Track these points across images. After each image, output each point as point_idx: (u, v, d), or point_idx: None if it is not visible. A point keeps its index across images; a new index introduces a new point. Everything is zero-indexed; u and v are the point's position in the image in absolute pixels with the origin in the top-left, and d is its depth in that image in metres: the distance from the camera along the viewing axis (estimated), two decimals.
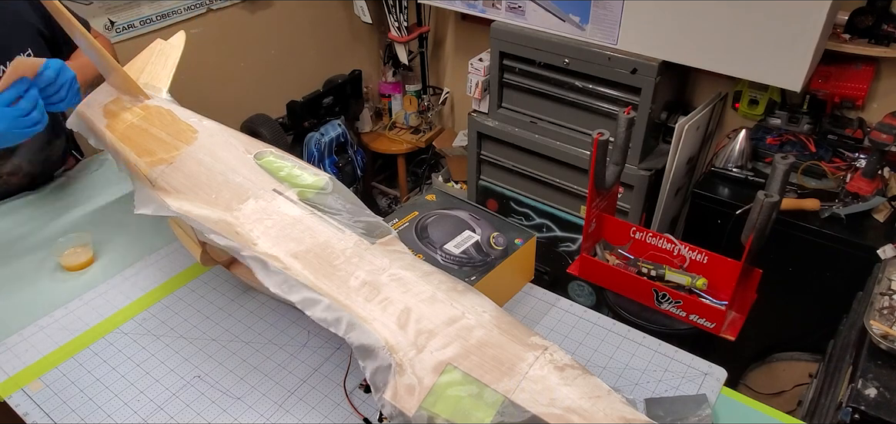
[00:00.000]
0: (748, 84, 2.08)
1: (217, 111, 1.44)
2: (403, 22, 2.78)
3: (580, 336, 1.15)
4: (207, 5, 2.39)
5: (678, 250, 1.41)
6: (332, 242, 0.94)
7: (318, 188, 1.04)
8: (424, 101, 3.07)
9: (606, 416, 0.72)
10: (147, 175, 1.09)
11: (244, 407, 1.02)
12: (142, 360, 1.11)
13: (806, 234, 1.75)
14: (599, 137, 1.33)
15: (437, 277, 0.90)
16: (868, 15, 1.76)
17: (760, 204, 1.18)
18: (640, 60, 1.92)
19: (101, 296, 1.25)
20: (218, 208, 1.01)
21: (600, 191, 1.45)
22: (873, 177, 1.76)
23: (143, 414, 1.01)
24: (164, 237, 1.39)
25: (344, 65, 3.00)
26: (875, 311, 1.24)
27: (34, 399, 1.04)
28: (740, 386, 2.01)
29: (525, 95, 2.28)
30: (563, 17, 2.04)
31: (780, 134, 1.99)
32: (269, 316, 1.20)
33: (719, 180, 1.96)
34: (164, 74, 1.38)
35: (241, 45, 2.58)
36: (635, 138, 2.00)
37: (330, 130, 2.78)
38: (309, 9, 2.79)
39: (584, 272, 1.51)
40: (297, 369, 1.09)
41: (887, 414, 1.12)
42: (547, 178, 2.31)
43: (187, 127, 1.16)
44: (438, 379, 0.77)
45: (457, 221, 1.26)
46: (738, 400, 1.03)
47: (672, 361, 1.09)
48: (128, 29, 2.17)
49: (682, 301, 1.37)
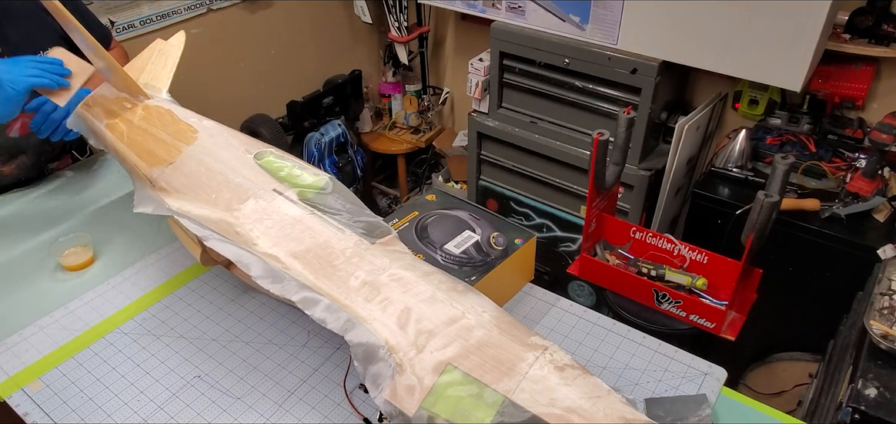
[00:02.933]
0: (748, 84, 2.08)
1: (217, 111, 1.44)
2: (403, 22, 2.78)
3: (580, 336, 1.15)
4: (207, 5, 2.39)
5: (678, 250, 1.41)
6: (333, 242, 0.94)
7: (318, 188, 1.04)
8: (424, 101, 3.07)
9: (606, 416, 0.72)
10: (147, 175, 1.09)
11: (244, 407, 1.02)
12: (142, 360, 1.11)
13: (806, 234, 1.75)
14: (599, 137, 1.33)
15: (437, 277, 0.90)
16: (868, 15, 1.76)
17: (760, 204, 1.18)
18: (640, 60, 1.92)
19: (101, 296, 1.25)
20: (218, 208, 1.01)
21: (600, 191, 1.45)
22: (873, 177, 1.76)
23: (143, 414, 1.01)
24: (165, 237, 1.39)
25: (344, 65, 3.00)
26: (875, 311, 1.24)
27: (34, 399, 1.04)
28: (740, 386, 2.01)
29: (525, 95, 2.28)
30: (563, 17, 2.04)
31: (780, 134, 1.99)
32: (269, 316, 1.20)
33: (719, 180, 1.96)
34: (164, 74, 1.38)
35: (241, 45, 2.58)
36: (635, 138, 2.00)
37: (330, 130, 2.78)
38: (309, 9, 2.79)
39: (584, 272, 1.51)
40: (297, 369, 1.09)
41: (887, 414, 1.12)
42: (547, 178, 2.31)
43: (187, 127, 1.16)
44: (438, 379, 0.77)
45: (457, 221, 1.26)
46: (738, 400, 1.03)
47: (672, 361, 1.09)
48: (128, 29, 2.17)
49: (682, 301, 1.37)
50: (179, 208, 1.02)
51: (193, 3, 2.34)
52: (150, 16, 2.23)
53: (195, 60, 2.37)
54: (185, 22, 2.33)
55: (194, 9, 2.35)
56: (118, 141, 1.16)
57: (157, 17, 2.25)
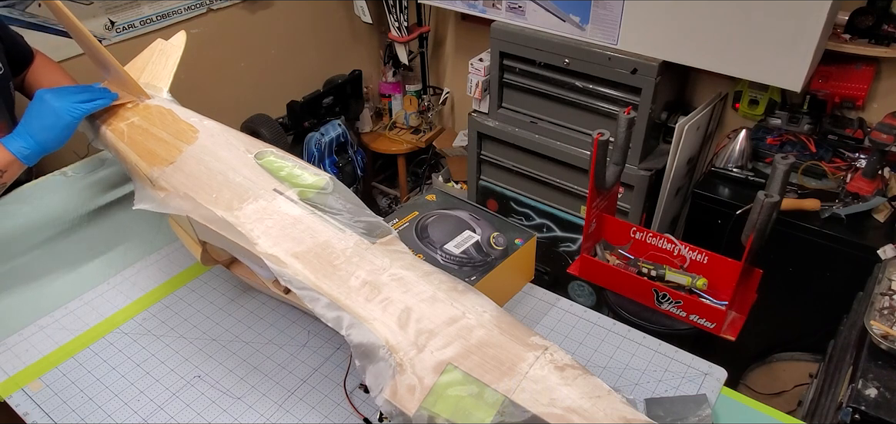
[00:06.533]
0: (748, 84, 2.08)
1: (217, 111, 1.44)
2: (403, 22, 2.78)
3: (580, 336, 1.15)
4: (207, 5, 2.39)
5: (678, 250, 1.41)
6: (333, 242, 0.94)
7: (318, 188, 1.04)
8: (424, 101, 3.07)
9: (606, 416, 0.72)
10: (147, 175, 1.09)
11: (244, 407, 1.02)
12: (142, 360, 1.11)
13: (806, 234, 1.75)
14: (599, 137, 1.33)
15: (437, 277, 0.90)
16: (868, 15, 1.76)
17: (761, 204, 1.18)
18: (641, 60, 1.92)
19: (101, 296, 1.25)
20: (218, 208, 1.01)
21: (600, 191, 1.45)
22: (873, 177, 1.76)
23: (143, 414, 1.01)
24: (165, 237, 1.39)
25: (344, 65, 3.00)
26: (875, 311, 1.24)
27: (34, 399, 1.04)
28: (740, 386, 2.01)
29: (525, 95, 2.28)
30: (564, 17, 2.04)
31: (780, 134, 1.99)
32: (269, 316, 1.20)
33: (719, 180, 1.96)
34: (164, 73, 1.38)
35: (241, 45, 2.58)
36: (635, 138, 2.00)
37: (330, 130, 2.78)
38: (309, 9, 2.79)
39: (585, 272, 1.51)
40: (297, 369, 1.09)
41: (887, 414, 1.12)
42: (547, 178, 2.31)
43: (188, 127, 1.16)
44: (439, 379, 0.77)
45: (457, 221, 1.26)
46: (738, 400, 1.03)
47: (672, 361, 1.09)
48: (128, 29, 2.17)
49: (683, 301, 1.37)
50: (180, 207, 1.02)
51: (193, 3, 2.34)
52: (150, 16, 2.23)
53: (195, 60, 2.37)
54: (185, 22, 2.33)
55: (194, 9, 2.35)
56: (118, 140, 1.17)
57: (157, 18, 2.25)
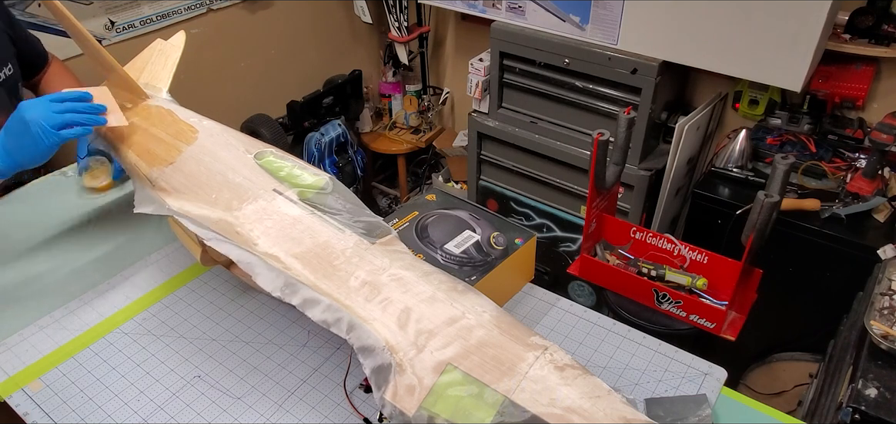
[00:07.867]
0: (748, 84, 2.08)
1: (217, 111, 1.44)
2: (403, 22, 2.78)
3: (580, 336, 1.15)
4: (207, 5, 2.39)
5: (678, 250, 1.41)
6: (332, 242, 0.94)
7: (318, 188, 1.04)
8: (424, 101, 3.07)
9: (606, 416, 0.72)
10: (147, 175, 1.09)
11: (244, 407, 1.02)
12: (142, 360, 1.11)
13: (806, 234, 1.75)
14: (599, 137, 1.33)
15: (437, 277, 0.90)
16: (868, 15, 1.76)
17: (761, 204, 1.18)
18: (641, 60, 1.92)
19: (101, 296, 1.25)
20: (218, 208, 1.01)
21: (600, 191, 1.45)
22: (873, 177, 1.76)
23: (143, 414, 1.01)
24: (165, 237, 1.39)
25: (344, 65, 3.00)
26: (875, 311, 1.24)
27: (34, 399, 1.04)
28: (740, 386, 2.01)
29: (525, 95, 2.28)
30: (564, 17, 2.04)
31: (780, 134, 1.99)
32: (269, 316, 1.20)
33: (719, 180, 1.96)
34: (164, 73, 1.38)
35: (241, 45, 2.58)
36: (635, 138, 2.00)
37: (330, 130, 2.78)
38: (309, 9, 2.79)
39: (585, 272, 1.51)
40: (297, 369, 1.09)
41: (887, 415, 1.12)
42: (547, 178, 2.31)
43: (188, 127, 1.16)
44: (438, 379, 0.77)
45: (457, 221, 1.26)
46: (739, 400, 1.03)
47: (672, 361, 1.09)
48: (128, 29, 2.18)
49: (683, 301, 1.37)
50: (180, 208, 1.02)
51: (193, 3, 2.34)
52: (150, 16, 2.23)
53: (195, 60, 2.37)
54: (185, 22, 2.33)
55: (194, 9, 2.35)
56: (118, 140, 1.16)
57: (157, 18, 2.26)
